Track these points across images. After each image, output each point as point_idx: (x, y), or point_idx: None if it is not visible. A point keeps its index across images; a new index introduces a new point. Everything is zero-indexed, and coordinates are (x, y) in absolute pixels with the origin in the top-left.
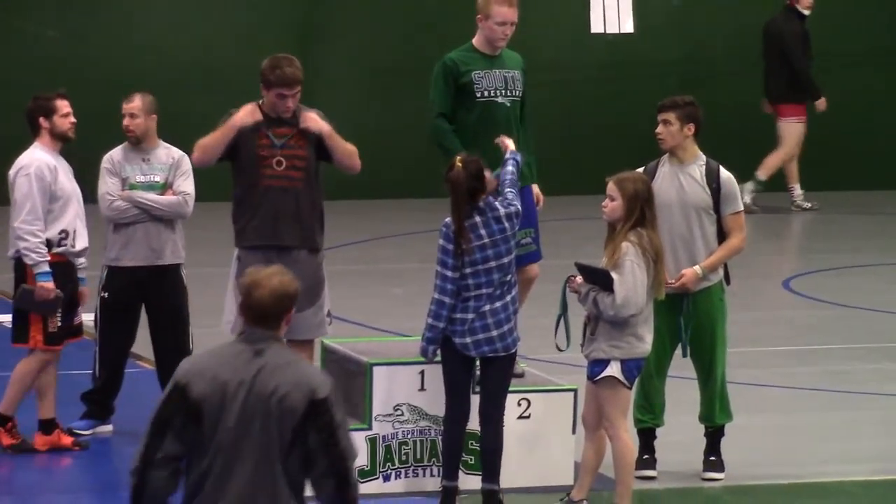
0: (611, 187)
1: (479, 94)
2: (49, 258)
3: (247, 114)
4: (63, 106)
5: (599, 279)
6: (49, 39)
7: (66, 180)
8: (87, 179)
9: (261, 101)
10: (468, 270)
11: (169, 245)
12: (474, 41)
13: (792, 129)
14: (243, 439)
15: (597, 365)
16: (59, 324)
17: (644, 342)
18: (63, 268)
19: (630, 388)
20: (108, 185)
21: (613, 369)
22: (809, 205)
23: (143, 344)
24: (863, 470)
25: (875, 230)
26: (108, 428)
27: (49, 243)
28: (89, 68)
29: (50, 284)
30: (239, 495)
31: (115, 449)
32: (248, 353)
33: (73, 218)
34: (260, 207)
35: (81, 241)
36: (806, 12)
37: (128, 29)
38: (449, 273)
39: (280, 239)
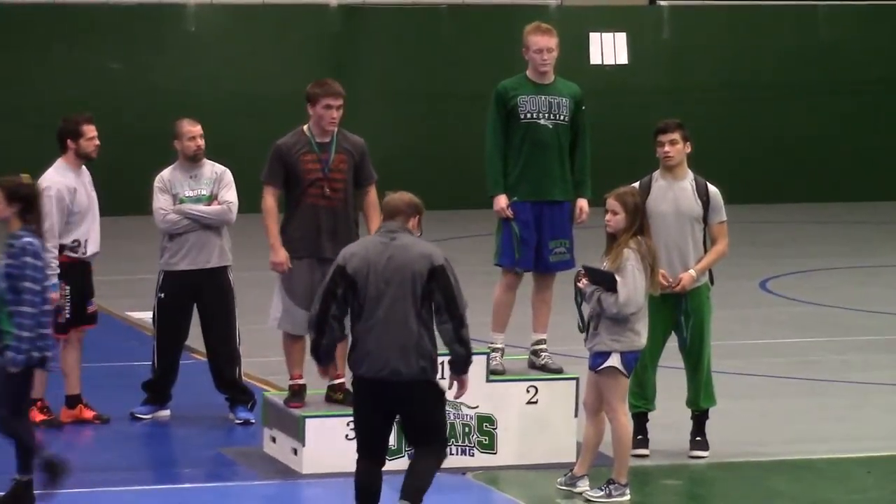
0: (612, 203)
1: (522, 116)
2: (58, 271)
3: (276, 264)
4: (90, 130)
5: (604, 281)
6: (116, 71)
7: (85, 195)
8: (144, 194)
9: (306, 127)
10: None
11: (216, 250)
12: (527, 71)
13: None
14: (386, 298)
15: (599, 356)
16: (68, 316)
17: (640, 336)
18: (75, 266)
19: (628, 377)
20: (160, 202)
21: (614, 360)
22: None
23: (196, 338)
24: (829, 448)
25: (840, 236)
26: (167, 413)
27: (63, 247)
28: (150, 97)
29: (55, 295)
30: (388, 338)
31: (171, 431)
32: (385, 240)
33: (87, 229)
34: (304, 223)
35: (93, 247)
36: None
37: (184, 62)
38: (39, 288)
39: (320, 251)
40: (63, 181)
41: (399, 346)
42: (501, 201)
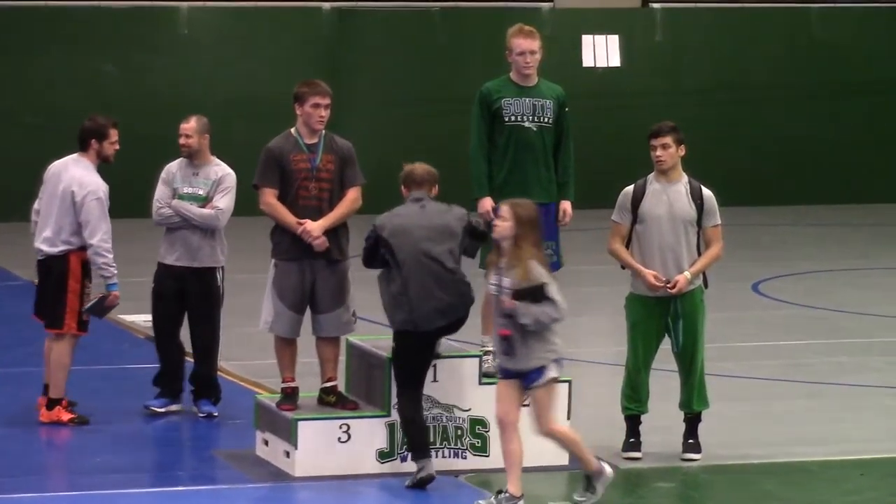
0: (504, 209)
1: (507, 119)
2: (116, 272)
3: (318, 242)
4: (114, 134)
5: (533, 293)
6: (110, 74)
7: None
8: (145, 195)
9: (293, 129)
10: None
11: (205, 250)
12: (510, 73)
13: None
14: (427, 256)
15: (536, 372)
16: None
17: (559, 339)
18: None
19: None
20: (159, 193)
21: (553, 371)
22: None
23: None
24: (821, 451)
25: (832, 239)
26: (178, 406)
27: None
28: (144, 99)
29: (117, 292)
30: (433, 291)
31: (164, 433)
32: (417, 207)
33: (110, 229)
34: None
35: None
36: None
37: (179, 65)
38: None
39: (309, 252)
40: (100, 182)
41: (446, 296)
42: (486, 204)
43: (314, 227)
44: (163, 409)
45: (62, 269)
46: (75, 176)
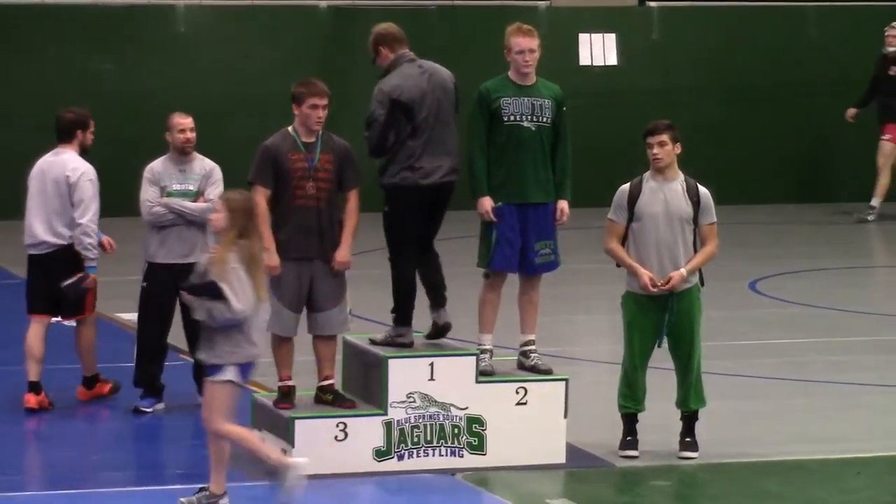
0: (218, 203)
1: (505, 119)
2: (98, 256)
3: (271, 268)
4: (92, 124)
5: (207, 291)
6: (106, 73)
7: None
8: (133, 195)
9: (291, 128)
10: None
11: (199, 244)
12: (509, 73)
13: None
14: (440, 113)
15: (212, 368)
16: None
17: (255, 346)
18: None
19: (242, 388)
20: (148, 193)
21: (230, 374)
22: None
23: (182, 340)
24: (820, 449)
25: (829, 237)
26: (161, 405)
27: None
28: (140, 99)
29: (94, 276)
30: (444, 146)
31: (159, 432)
32: (416, 69)
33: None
34: (289, 224)
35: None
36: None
37: (174, 63)
38: None
39: (306, 251)
40: (91, 167)
41: (453, 150)
42: (486, 203)
43: (340, 256)
44: (151, 409)
45: (72, 256)
46: (66, 163)
